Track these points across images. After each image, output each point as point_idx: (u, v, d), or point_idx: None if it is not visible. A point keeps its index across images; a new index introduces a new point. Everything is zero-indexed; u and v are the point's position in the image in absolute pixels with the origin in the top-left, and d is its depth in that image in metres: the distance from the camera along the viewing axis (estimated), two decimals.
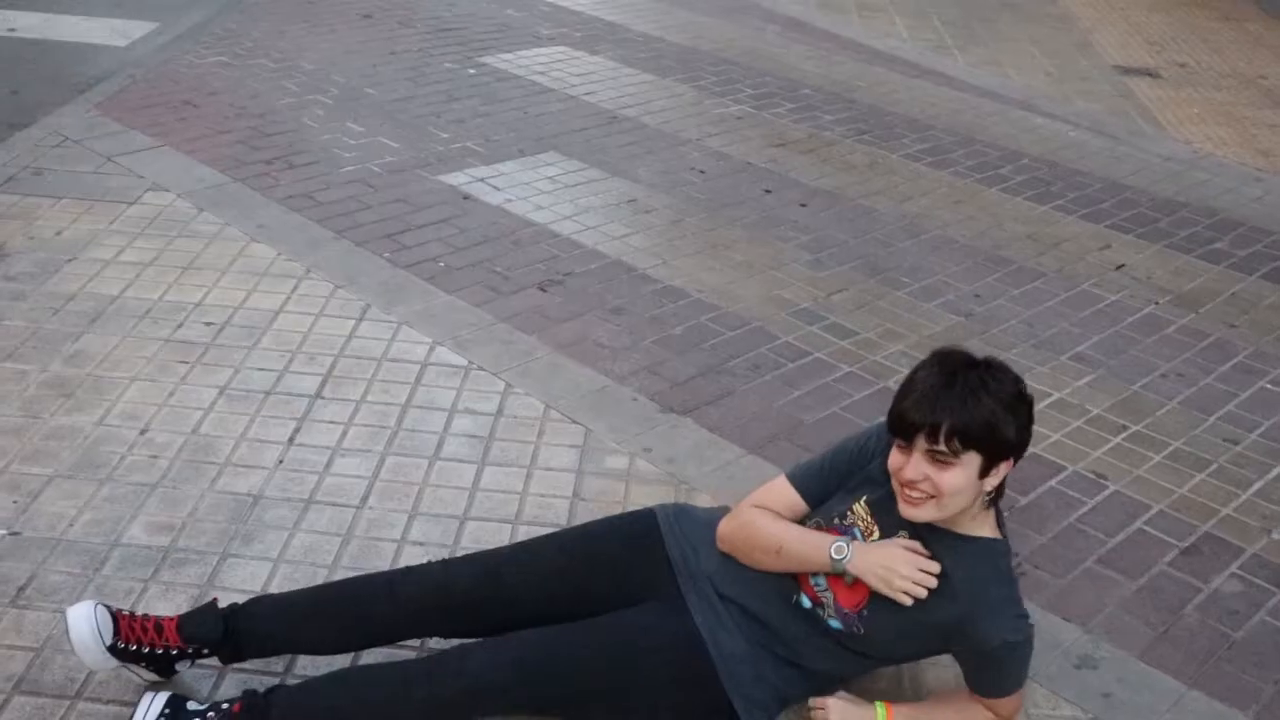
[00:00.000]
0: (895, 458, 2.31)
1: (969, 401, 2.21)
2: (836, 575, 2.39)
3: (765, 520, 2.48)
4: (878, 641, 2.39)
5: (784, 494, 2.53)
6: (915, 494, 2.28)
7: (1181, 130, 6.66)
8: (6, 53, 6.73)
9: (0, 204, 4.68)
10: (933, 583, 2.30)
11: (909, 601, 2.30)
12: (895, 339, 4.12)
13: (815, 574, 2.42)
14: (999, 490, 2.34)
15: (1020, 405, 2.27)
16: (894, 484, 2.34)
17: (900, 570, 2.31)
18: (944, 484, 2.25)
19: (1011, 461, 2.30)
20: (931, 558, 2.33)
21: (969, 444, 2.22)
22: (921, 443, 2.24)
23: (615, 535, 2.63)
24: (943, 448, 2.22)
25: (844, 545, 2.36)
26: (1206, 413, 3.84)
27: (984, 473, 2.26)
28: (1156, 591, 3.05)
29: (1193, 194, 5.65)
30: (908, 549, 2.34)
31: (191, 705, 2.35)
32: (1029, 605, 2.84)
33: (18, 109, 5.87)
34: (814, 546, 2.40)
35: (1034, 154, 6.01)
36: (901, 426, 2.27)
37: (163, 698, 2.35)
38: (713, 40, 7.58)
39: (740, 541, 2.50)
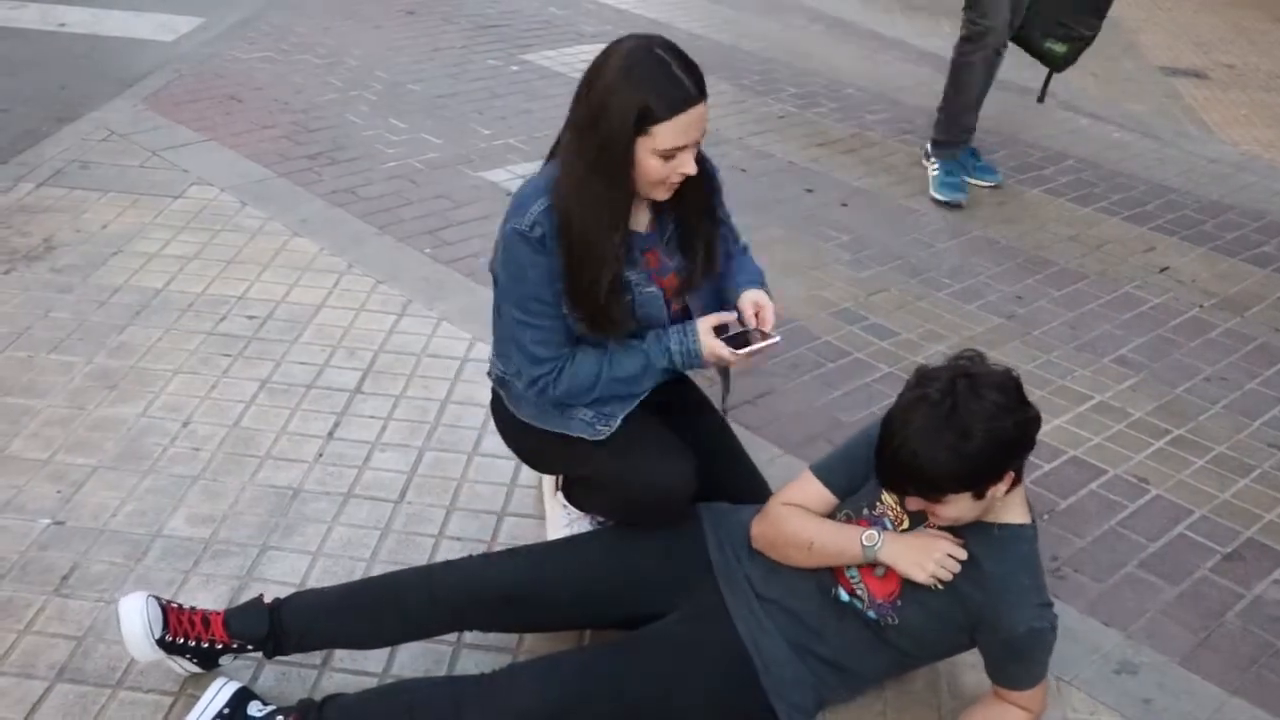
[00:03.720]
0: None
1: (926, 463, 2.16)
2: (869, 566, 2.40)
3: (795, 516, 2.48)
4: (911, 631, 2.39)
5: (811, 489, 2.53)
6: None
7: (1228, 132, 6.59)
8: (56, 48, 6.81)
9: (48, 197, 4.73)
10: (957, 567, 2.29)
11: (937, 584, 2.30)
12: (936, 340, 4.10)
13: (849, 566, 2.42)
14: (1016, 479, 2.30)
15: (996, 440, 2.17)
16: None
17: (932, 554, 2.31)
18: (941, 514, 2.27)
19: (1009, 475, 2.25)
20: (961, 544, 2.33)
21: (943, 493, 2.21)
22: None
23: (659, 535, 2.63)
24: (920, 499, 2.25)
25: (875, 534, 2.37)
26: (1251, 417, 3.80)
27: (979, 496, 2.24)
28: (1198, 597, 3.02)
29: (1239, 197, 5.59)
30: (936, 536, 2.34)
31: (253, 709, 2.37)
32: (1068, 608, 2.84)
33: (66, 103, 5.93)
34: (846, 539, 2.40)
35: (1078, 155, 5.96)
36: (883, 486, 2.35)
37: (229, 691, 2.38)
38: (756, 39, 7.56)
39: (772, 539, 2.50)
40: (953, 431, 2.15)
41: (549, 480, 3.05)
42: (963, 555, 2.31)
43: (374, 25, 7.27)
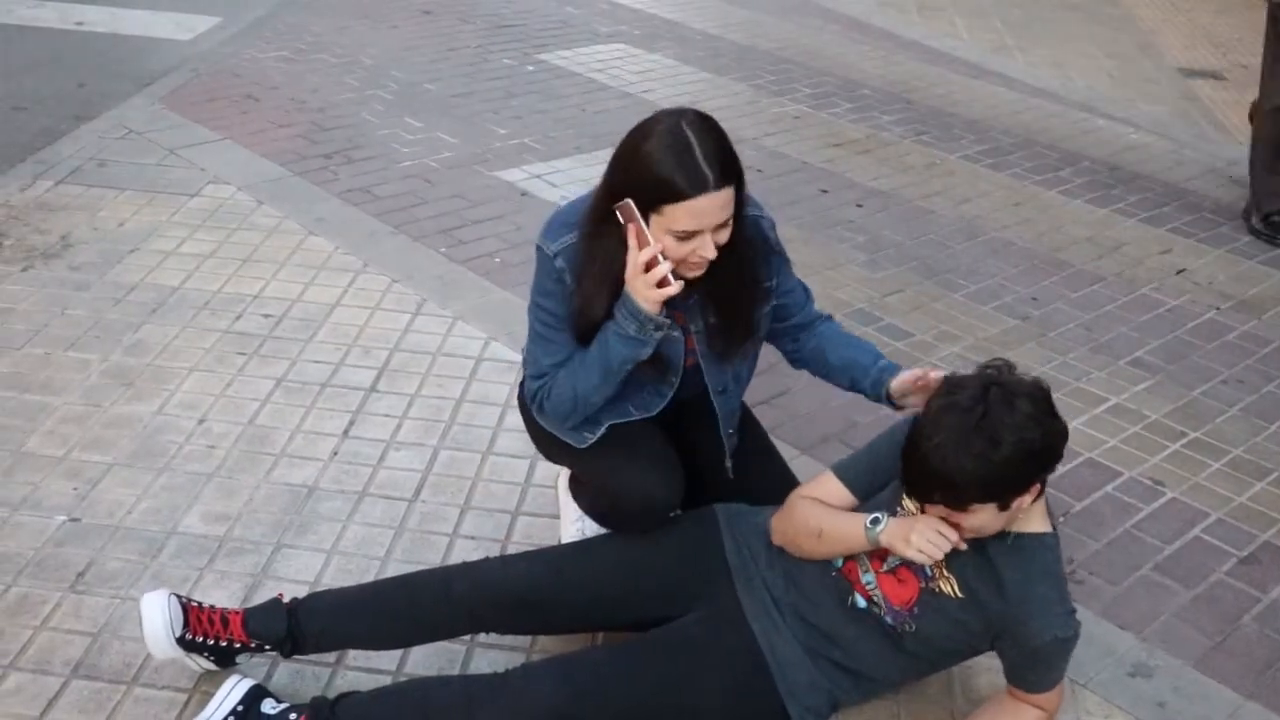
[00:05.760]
0: None
1: (954, 469, 2.15)
2: (882, 563, 2.39)
3: (807, 505, 2.49)
4: (928, 638, 2.38)
5: (831, 487, 2.53)
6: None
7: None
8: (74, 46, 6.83)
9: (65, 195, 4.75)
10: (947, 546, 2.25)
11: (925, 560, 2.26)
12: (951, 341, 4.09)
13: (865, 570, 2.42)
14: (1040, 491, 2.30)
15: (1025, 450, 2.16)
16: None
17: (919, 528, 2.27)
18: (962, 523, 2.25)
19: (1035, 488, 2.25)
20: (982, 551, 2.31)
21: (968, 501, 2.20)
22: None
23: (676, 535, 2.63)
24: (943, 508, 2.24)
25: (880, 517, 2.35)
26: (1268, 420, 3.79)
27: (1003, 507, 2.23)
28: (1213, 600, 3.01)
29: None
30: (933, 518, 2.30)
31: (266, 706, 2.37)
32: (1083, 611, 2.82)
33: (84, 101, 5.96)
34: (851, 523, 2.40)
35: (1095, 156, 5.95)
36: (907, 491, 2.33)
37: (243, 688, 2.38)
38: (771, 39, 7.56)
39: (785, 529, 2.50)
40: (982, 439, 2.14)
41: (564, 475, 3.05)
42: (954, 537, 2.26)
43: (390, 25, 7.28)
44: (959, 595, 2.33)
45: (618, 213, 2.37)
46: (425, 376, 3.71)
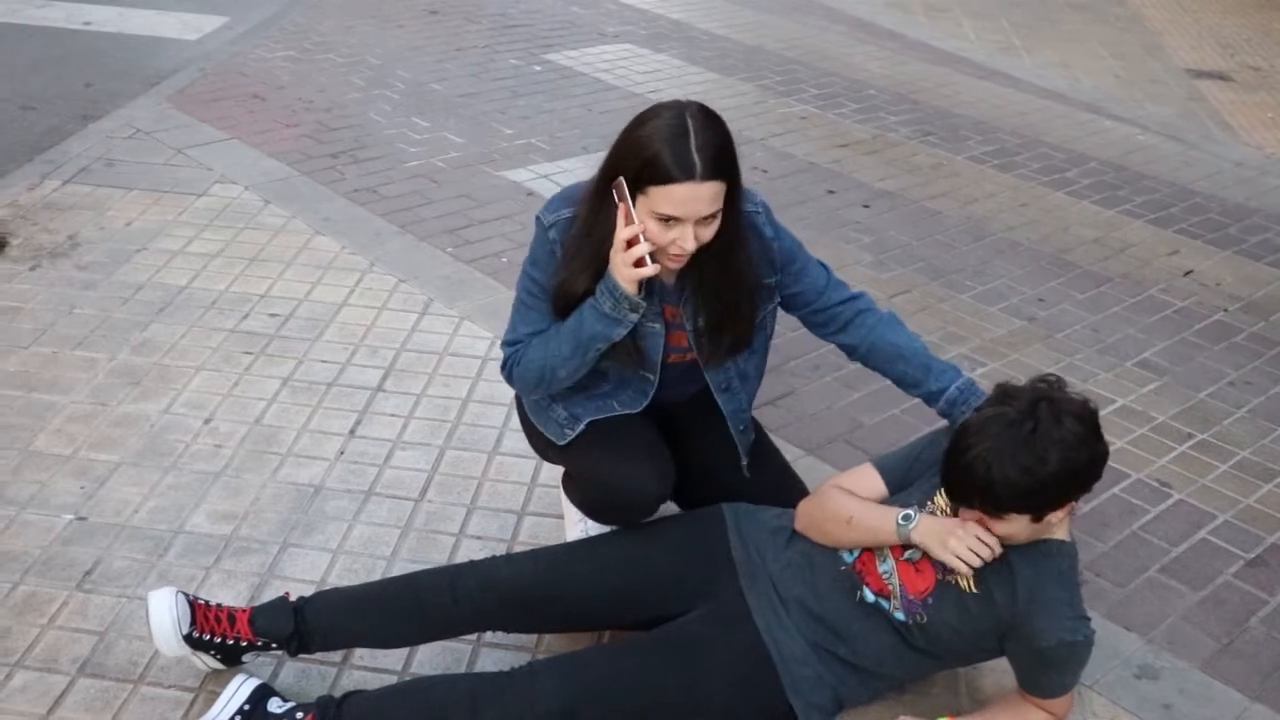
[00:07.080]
0: None
1: (998, 479, 2.18)
2: (903, 551, 2.40)
3: (840, 494, 2.52)
4: (938, 632, 2.38)
5: (866, 475, 2.56)
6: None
7: (1254, 135, 6.56)
8: (81, 46, 6.85)
9: (73, 194, 4.76)
10: (988, 554, 2.29)
11: (963, 568, 2.29)
12: (957, 342, 4.09)
13: (883, 559, 2.43)
14: (1072, 507, 2.32)
15: (1069, 469, 2.20)
16: None
17: (959, 534, 2.31)
18: (995, 529, 2.29)
19: (1070, 504, 2.28)
20: (1002, 550, 2.33)
21: (1006, 510, 2.23)
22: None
23: (681, 532, 2.64)
24: (979, 513, 2.26)
25: (911, 514, 2.38)
26: (1275, 422, 3.78)
27: (1037, 519, 2.26)
28: (1220, 603, 3.01)
29: (1264, 200, 5.56)
30: (973, 524, 2.33)
31: (272, 705, 2.37)
32: (1090, 612, 2.82)
33: (91, 101, 5.97)
34: (882, 516, 2.42)
35: (1101, 157, 5.94)
36: (946, 492, 2.34)
37: (250, 687, 2.39)
38: (778, 39, 7.55)
39: (815, 512, 2.52)
40: (1030, 454, 2.17)
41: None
42: (995, 543, 2.30)
43: (396, 25, 7.29)
44: (974, 590, 2.34)
45: (614, 193, 2.39)
46: (432, 376, 3.71)
